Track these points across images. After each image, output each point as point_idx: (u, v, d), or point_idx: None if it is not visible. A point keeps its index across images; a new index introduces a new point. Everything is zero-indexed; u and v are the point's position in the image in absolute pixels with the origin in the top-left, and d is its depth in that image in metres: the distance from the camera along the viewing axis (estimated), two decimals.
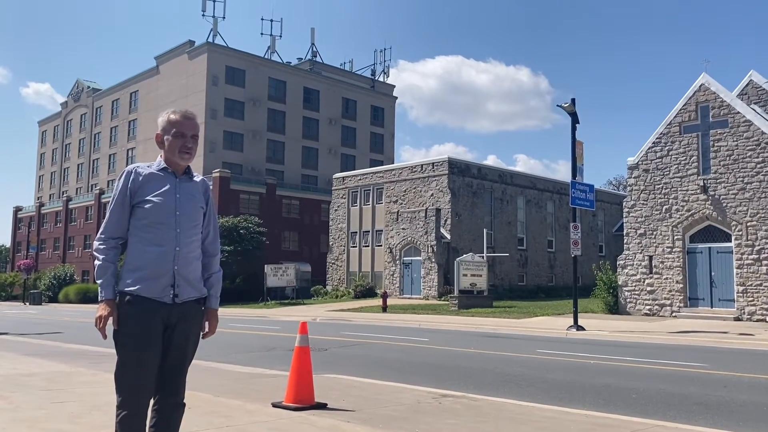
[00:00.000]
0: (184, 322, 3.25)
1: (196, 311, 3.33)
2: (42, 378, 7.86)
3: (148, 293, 3.16)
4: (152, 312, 3.16)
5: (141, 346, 3.13)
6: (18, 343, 13.84)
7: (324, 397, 6.41)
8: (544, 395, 7.72)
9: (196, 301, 3.33)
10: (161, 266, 3.19)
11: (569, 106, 20.29)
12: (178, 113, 3.39)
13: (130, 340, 3.13)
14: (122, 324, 3.15)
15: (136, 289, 3.15)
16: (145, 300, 3.15)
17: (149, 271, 3.17)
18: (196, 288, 3.32)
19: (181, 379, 3.31)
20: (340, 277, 46.35)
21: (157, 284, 3.17)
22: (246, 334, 17.78)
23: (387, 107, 76.83)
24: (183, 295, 3.24)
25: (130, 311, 3.15)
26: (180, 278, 3.23)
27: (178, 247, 3.23)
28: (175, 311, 3.22)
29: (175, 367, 3.25)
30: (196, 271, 3.33)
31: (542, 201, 47.34)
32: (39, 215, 77.27)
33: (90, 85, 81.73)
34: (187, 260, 3.27)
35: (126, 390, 3.13)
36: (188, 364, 3.34)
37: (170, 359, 3.23)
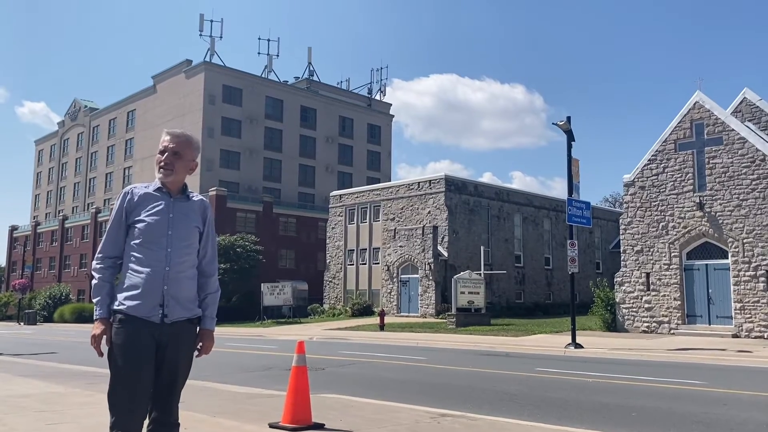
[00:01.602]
0: (174, 343, 3.24)
1: (187, 331, 3.31)
2: (37, 399, 7.78)
3: (137, 312, 3.17)
4: (142, 332, 3.16)
5: (132, 365, 3.12)
6: (13, 364, 13.72)
7: (321, 417, 6.36)
8: (544, 414, 7.66)
9: (188, 321, 3.31)
10: (150, 286, 3.19)
11: (564, 124, 20.39)
12: (166, 132, 3.44)
13: (121, 359, 3.13)
14: (114, 343, 3.16)
15: (127, 308, 3.17)
16: (135, 319, 3.16)
17: (139, 291, 3.19)
18: (187, 308, 3.31)
19: (174, 398, 3.29)
20: (338, 295, 46.19)
21: (145, 304, 3.18)
22: (243, 354, 17.66)
23: (383, 125, 77.21)
24: (172, 315, 3.23)
25: (120, 330, 3.16)
26: (169, 298, 3.22)
27: (168, 267, 3.23)
28: (165, 331, 3.21)
29: (168, 386, 3.24)
30: (187, 291, 3.32)
31: (539, 218, 47.41)
32: (35, 234, 77.03)
33: (87, 105, 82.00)
34: (177, 280, 3.26)
35: (119, 409, 3.11)
36: (181, 384, 3.32)
37: (162, 379, 3.22)
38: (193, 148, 3.42)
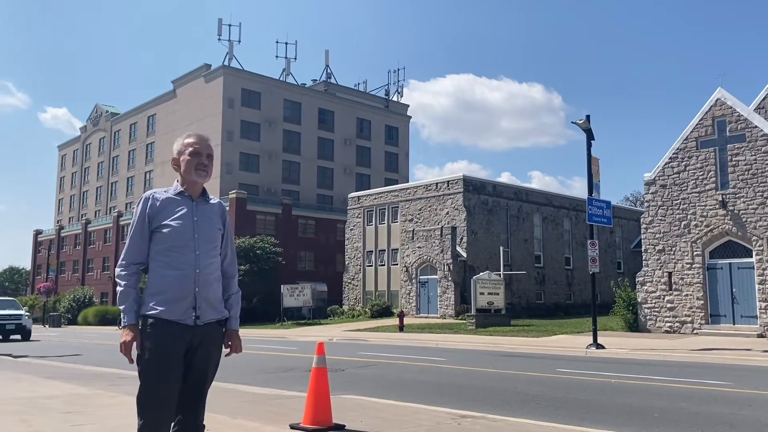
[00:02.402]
0: (205, 344, 3.27)
1: (217, 333, 3.35)
2: (61, 401, 7.89)
3: (170, 316, 3.18)
4: (174, 335, 3.18)
5: (163, 369, 3.15)
6: (38, 366, 13.94)
7: (342, 419, 6.37)
8: (565, 415, 7.60)
9: (217, 322, 3.35)
10: (182, 289, 3.21)
11: (584, 123, 20.23)
12: (193, 135, 3.46)
13: (152, 364, 3.16)
14: (145, 348, 3.17)
15: (158, 312, 3.18)
16: (168, 323, 3.18)
17: (170, 295, 3.20)
18: (217, 309, 3.34)
19: (202, 401, 3.32)
20: (357, 296, 46.26)
21: (178, 307, 3.20)
22: (263, 355, 17.76)
23: (401, 126, 77.22)
24: (205, 317, 3.26)
25: (152, 334, 3.17)
26: (201, 300, 3.25)
27: (198, 269, 3.25)
28: (198, 333, 3.24)
29: (196, 389, 3.26)
30: (216, 292, 3.35)
31: (559, 218, 47.06)
32: (59, 238, 78.22)
33: (108, 110, 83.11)
34: (208, 282, 3.29)
35: (148, 413, 3.14)
36: (209, 386, 3.36)
37: (191, 381, 3.24)
38: (213, 153, 3.51)
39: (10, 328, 27.44)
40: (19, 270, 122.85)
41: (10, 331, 27.48)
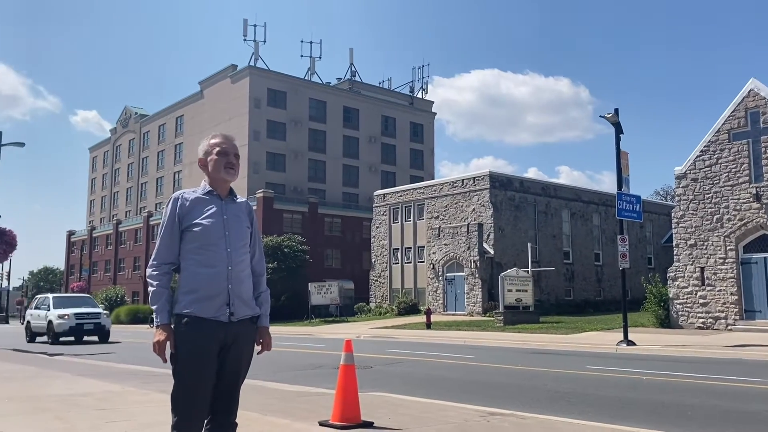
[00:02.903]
0: (238, 342, 3.30)
1: (250, 329, 3.38)
2: (95, 398, 8.05)
3: (204, 314, 3.21)
4: (208, 332, 3.20)
5: (197, 367, 3.18)
6: (72, 364, 14.24)
7: (370, 416, 6.39)
8: (596, 412, 7.51)
9: (250, 319, 3.38)
10: (215, 286, 3.24)
11: (612, 117, 19.95)
12: (219, 136, 3.49)
13: (186, 362, 3.19)
14: (179, 346, 3.20)
15: (192, 310, 3.21)
16: (202, 321, 3.20)
17: (204, 292, 3.23)
18: (250, 306, 3.37)
19: (235, 398, 3.35)
20: (383, 294, 46.31)
21: (212, 304, 3.22)
22: (292, 352, 17.90)
23: (426, 123, 77.01)
24: (238, 314, 3.29)
25: (186, 333, 3.20)
26: (234, 297, 3.28)
27: (231, 267, 3.28)
28: (232, 330, 3.26)
29: (230, 386, 3.29)
30: (248, 289, 3.38)
31: (588, 213, 46.50)
32: (91, 239, 79.76)
33: (137, 111, 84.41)
34: (240, 279, 3.32)
35: (182, 411, 3.17)
36: (242, 384, 3.39)
37: (225, 379, 3.27)
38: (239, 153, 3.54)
39: (89, 328, 24.17)
40: (53, 270, 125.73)
41: (87, 331, 24.23)
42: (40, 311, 25.36)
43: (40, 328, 25.09)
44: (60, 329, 23.68)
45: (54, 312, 24.10)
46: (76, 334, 24.02)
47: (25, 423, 6.20)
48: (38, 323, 25.24)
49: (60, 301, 25.76)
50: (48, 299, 25.69)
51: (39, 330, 25.23)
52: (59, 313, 23.91)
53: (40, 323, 24.96)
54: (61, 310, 24.08)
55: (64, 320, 23.68)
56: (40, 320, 25.05)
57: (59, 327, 23.67)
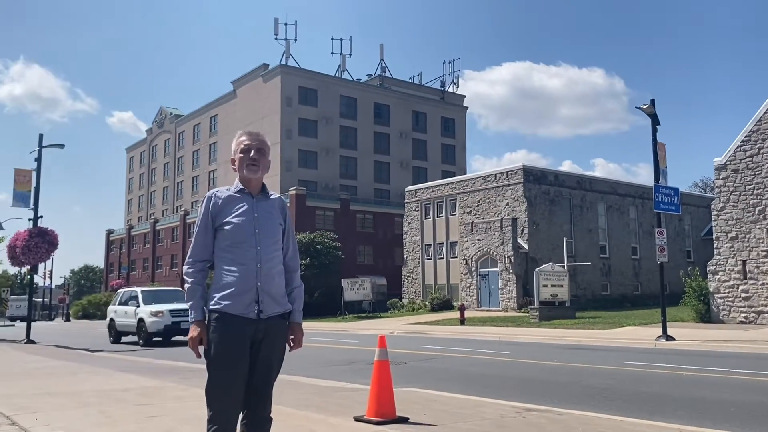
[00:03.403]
0: (269, 338, 3.33)
1: (280, 326, 3.41)
2: (136, 393, 8.23)
3: (234, 310, 3.26)
4: (239, 329, 3.25)
5: (229, 362, 3.23)
6: (113, 360, 14.59)
7: (405, 411, 6.39)
8: (634, 408, 7.39)
9: (280, 316, 3.40)
10: (245, 283, 3.28)
11: (648, 108, 19.55)
12: (245, 133, 3.52)
13: (219, 357, 3.24)
14: (211, 341, 3.26)
15: (223, 306, 3.26)
16: (232, 317, 3.25)
17: (234, 289, 3.27)
18: (279, 303, 3.40)
19: (268, 393, 3.38)
20: (416, 289, 46.27)
21: (241, 301, 3.27)
22: (326, 348, 18.02)
23: (458, 118, 76.58)
24: (267, 311, 3.32)
25: (217, 329, 3.25)
26: (263, 294, 3.31)
27: (260, 264, 3.31)
28: (261, 327, 3.30)
29: (262, 381, 3.33)
30: (279, 286, 3.41)
31: (624, 206, 45.71)
32: (129, 237, 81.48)
33: (172, 112, 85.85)
34: (270, 276, 3.35)
35: (216, 405, 3.22)
36: (274, 379, 3.42)
37: (257, 374, 3.31)
38: (268, 148, 3.54)
39: (185, 327, 17.37)
40: (93, 268, 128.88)
41: (184, 330, 19.04)
42: (127, 308, 22.11)
43: (127, 327, 21.98)
44: (153, 328, 20.37)
45: (145, 309, 20.89)
46: (171, 334, 20.43)
47: (68, 417, 6.37)
48: (125, 321, 22.05)
49: (150, 295, 22.48)
50: (137, 293, 22.57)
51: (126, 329, 22.12)
52: (152, 309, 20.65)
53: (128, 321, 21.77)
54: (154, 306, 20.83)
55: (158, 318, 20.39)
56: (127, 318, 21.86)
57: (153, 326, 20.36)
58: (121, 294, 24.36)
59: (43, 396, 7.93)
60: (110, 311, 23.87)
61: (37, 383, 9.40)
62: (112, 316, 23.42)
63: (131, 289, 24.98)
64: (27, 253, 22.25)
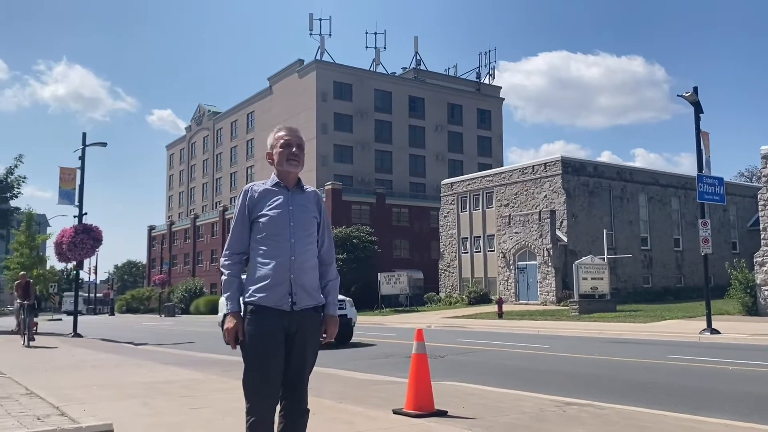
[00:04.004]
0: (303, 330, 3.35)
1: (314, 318, 3.43)
2: (178, 385, 8.40)
3: (268, 302, 3.29)
4: (273, 321, 3.28)
5: (264, 354, 3.26)
6: (156, 353, 14.93)
7: (444, 405, 6.38)
8: (677, 403, 7.23)
9: (314, 308, 3.43)
10: (278, 276, 3.30)
11: (691, 96, 19.04)
12: (283, 128, 3.55)
13: (254, 349, 3.27)
14: (246, 333, 3.29)
15: (257, 299, 3.30)
16: (266, 309, 3.28)
17: (268, 282, 3.30)
18: (313, 296, 3.42)
19: (304, 385, 3.41)
20: (453, 283, 46.10)
21: (275, 293, 3.29)
22: (364, 342, 18.08)
23: (494, 109, 75.83)
24: (300, 303, 3.35)
25: (252, 321, 3.29)
26: (297, 287, 3.33)
27: (293, 257, 3.34)
28: (294, 319, 3.32)
29: (297, 373, 3.36)
30: (312, 279, 3.43)
31: (666, 197, 44.69)
32: (170, 233, 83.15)
33: (210, 109, 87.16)
34: (303, 269, 3.37)
35: (253, 397, 3.27)
36: (309, 371, 3.44)
37: (292, 366, 3.34)
38: (305, 144, 3.58)
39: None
40: (136, 263, 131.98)
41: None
42: None
43: None
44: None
45: None
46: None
47: (114, 408, 6.54)
48: None
49: None
50: None
51: None
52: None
53: None
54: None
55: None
56: None
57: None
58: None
59: (89, 388, 8.16)
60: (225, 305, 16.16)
61: (83, 375, 9.69)
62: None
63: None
64: (73, 250, 22.87)
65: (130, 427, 5.50)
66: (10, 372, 9.85)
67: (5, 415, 5.94)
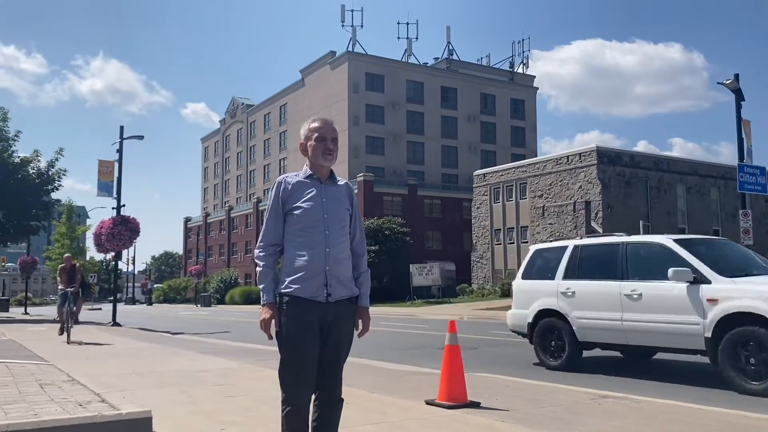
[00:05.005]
0: (338, 321, 3.38)
1: (348, 310, 3.45)
2: (215, 374, 8.56)
3: (304, 294, 3.31)
4: (309, 312, 3.31)
5: (300, 345, 3.29)
6: (193, 342, 15.22)
7: (476, 396, 6.36)
8: (717, 398, 7.08)
9: (348, 300, 3.45)
10: (314, 267, 3.33)
11: (732, 83, 18.52)
12: (318, 120, 3.54)
13: (290, 340, 3.30)
14: (282, 324, 3.33)
15: (293, 290, 3.32)
16: (302, 300, 3.31)
17: (303, 273, 3.33)
18: (347, 287, 3.44)
19: (338, 375, 3.44)
20: (485, 275, 45.86)
21: (311, 285, 3.32)
22: (396, 333, 18.14)
23: (527, 99, 74.93)
24: (336, 294, 3.37)
25: (288, 312, 3.32)
26: (332, 278, 3.35)
27: (328, 249, 3.35)
28: (330, 310, 3.35)
29: (331, 364, 3.38)
30: (346, 270, 3.44)
31: (705, 188, 43.66)
32: (205, 224, 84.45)
33: (244, 102, 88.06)
34: (338, 260, 3.39)
35: (289, 386, 3.30)
36: (344, 361, 3.47)
37: (327, 356, 3.36)
38: (338, 135, 3.57)
39: None
40: (172, 254, 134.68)
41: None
42: (627, 286, 8.64)
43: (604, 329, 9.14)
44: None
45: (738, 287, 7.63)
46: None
47: (152, 396, 6.69)
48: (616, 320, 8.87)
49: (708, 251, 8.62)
50: (669, 248, 8.44)
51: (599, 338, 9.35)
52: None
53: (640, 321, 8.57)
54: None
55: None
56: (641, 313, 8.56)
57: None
58: (569, 251, 9.90)
59: (128, 376, 8.36)
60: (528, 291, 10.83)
61: (123, 363, 9.93)
62: (544, 304, 10.06)
63: (619, 239, 9.37)
64: (111, 241, 23.41)
65: (169, 414, 5.62)
66: (54, 359, 10.15)
67: (49, 401, 6.12)
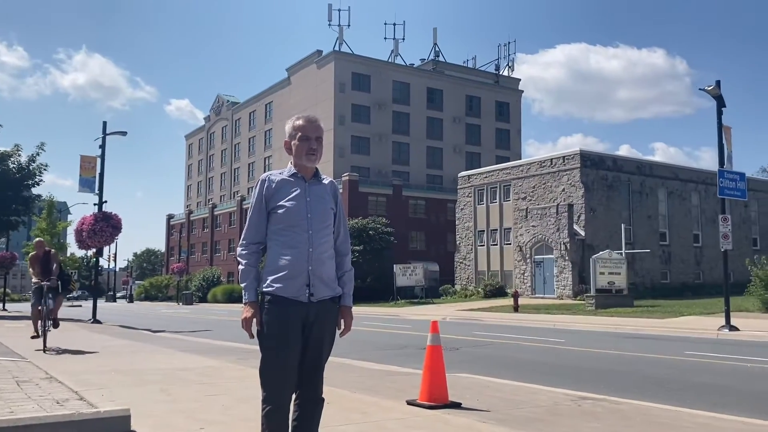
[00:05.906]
0: (320, 321, 3.37)
1: (331, 310, 3.44)
2: (196, 372, 8.50)
3: (286, 293, 3.30)
4: (291, 311, 3.29)
5: (281, 344, 3.28)
6: (174, 340, 15.10)
7: (458, 397, 6.39)
8: (694, 400, 7.17)
9: (331, 299, 3.44)
10: (297, 267, 3.31)
11: (714, 89, 18.75)
12: (302, 118, 3.51)
13: (271, 339, 3.29)
14: (263, 323, 3.31)
15: (275, 289, 3.31)
16: (284, 300, 3.30)
17: (286, 272, 3.31)
18: (330, 287, 3.43)
19: (320, 375, 3.43)
20: (469, 276, 46.02)
21: (293, 284, 3.30)
22: (378, 332, 18.15)
23: (512, 102, 75.31)
24: (318, 294, 3.36)
25: (270, 311, 3.30)
26: (314, 278, 3.34)
27: (311, 248, 3.34)
28: (312, 310, 3.34)
29: (313, 364, 3.38)
30: (329, 270, 3.43)
31: (686, 192, 44.18)
32: (188, 222, 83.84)
33: (229, 99, 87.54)
34: (321, 260, 3.37)
35: (269, 385, 3.29)
36: (325, 361, 3.46)
37: (309, 356, 3.35)
38: (323, 134, 3.55)
39: None
40: (154, 252, 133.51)
41: None
42: None
43: None
44: None
45: None
46: None
47: (132, 394, 6.63)
48: None
49: None
50: None
51: None
52: None
53: None
54: None
55: None
56: None
57: None
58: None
59: (108, 373, 8.28)
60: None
61: (102, 361, 9.83)
62: None
63: None
64: (92, 237, 23.13)
65: (148, 412, 5.57)
66: (31, 356, 10.03)
67: (26, 398, 6.05)
